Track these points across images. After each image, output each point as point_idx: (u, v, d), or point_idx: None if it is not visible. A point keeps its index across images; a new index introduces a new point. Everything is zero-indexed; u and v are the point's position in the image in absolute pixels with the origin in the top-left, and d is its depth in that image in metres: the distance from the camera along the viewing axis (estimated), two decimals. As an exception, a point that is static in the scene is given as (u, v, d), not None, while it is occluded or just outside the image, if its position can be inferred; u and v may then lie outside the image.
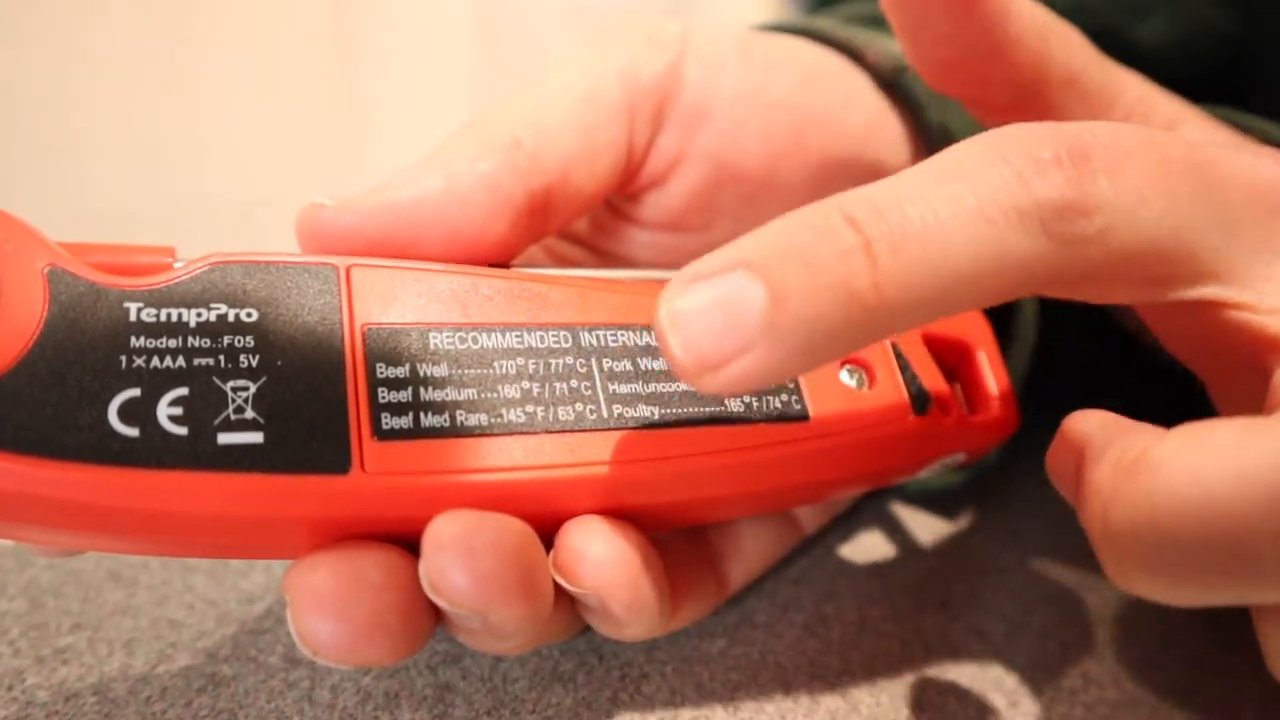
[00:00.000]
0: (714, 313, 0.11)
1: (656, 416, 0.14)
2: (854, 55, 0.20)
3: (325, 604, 0.12)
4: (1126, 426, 0.13)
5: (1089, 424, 0.13)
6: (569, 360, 0.14)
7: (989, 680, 0.18)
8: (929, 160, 0.12)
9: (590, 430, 0.14)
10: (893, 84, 0.20)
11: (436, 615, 0.13)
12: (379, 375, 0.13)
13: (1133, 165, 0.12)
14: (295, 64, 0.76)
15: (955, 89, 0.17)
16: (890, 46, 0.20)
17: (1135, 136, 0.13)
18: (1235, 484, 0.10)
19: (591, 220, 0.20)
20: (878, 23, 0.22)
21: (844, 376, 0.16)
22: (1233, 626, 0.20)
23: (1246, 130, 0.18)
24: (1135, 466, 0.11)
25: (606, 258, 0.20)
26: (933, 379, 0.17)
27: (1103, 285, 0.13)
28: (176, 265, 0.13)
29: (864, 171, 0.20)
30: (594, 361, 0.14)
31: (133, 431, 0.11)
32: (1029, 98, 0.17)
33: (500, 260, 0.16)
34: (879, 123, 0.20)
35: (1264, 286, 0.13)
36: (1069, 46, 0.16)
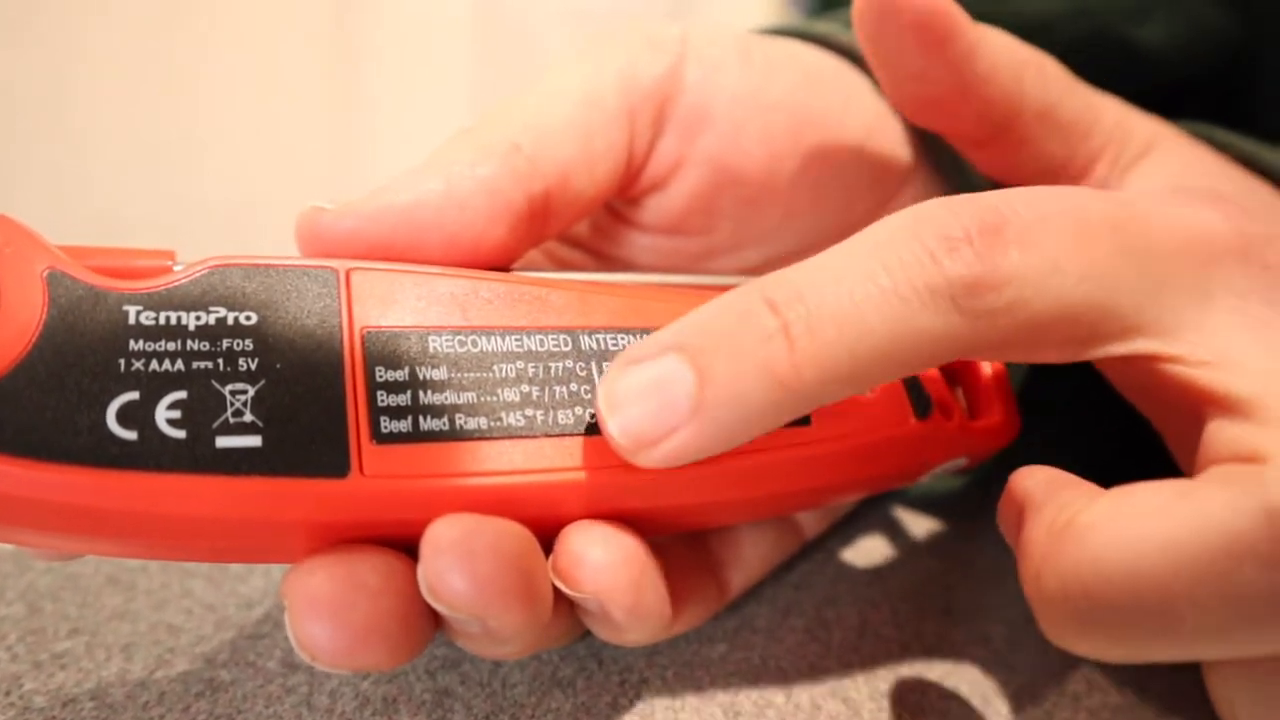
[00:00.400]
0: (648, 395, 0.12)
1: None
2: (854, 58, 0.20)
3: (323, 608, 0.12)
4: (1064, 485, 0.13)
5: (1031, 480, 0.13)
6: (569, 364, 0.14)
7: (992, 685, 0.17)
8: (849, 240, 0.13)
9: (589, 434, 0.14)
10: None
11: (435, 620, 0.13)
12: (378, 378, 0.13)
13: (1049, 234, 0.13)
14: (296, 68, 0.76)
15: (932, 124, 0.18)
16: None
17: (1055, 203, 0.13)
18: (1158, 552, 0.11)
19: (592, 224, 0.20)
20: None
21: (845, 380, 0.16)
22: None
23: (1224, 147, 0.18)
24: (1065, 532, 0.12)
25: (607, 261, 0.20)
26: (934, 383, 0.17)
27: (1022, 350, 0.13)
28: (176, 268, 0.13)
29: (864, 173, 0.20)
30: (594, 365, 0.14)
31: (131, 435, 0.11)
32: (1003, 132, 0.17)
33: (500, 264, 0.16)
34: (878, 125, 0.20)
35: (1194, 337, 0.13)
36: (1043, 79, 0.17)
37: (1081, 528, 0.11)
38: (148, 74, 0.65)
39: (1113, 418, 0.16)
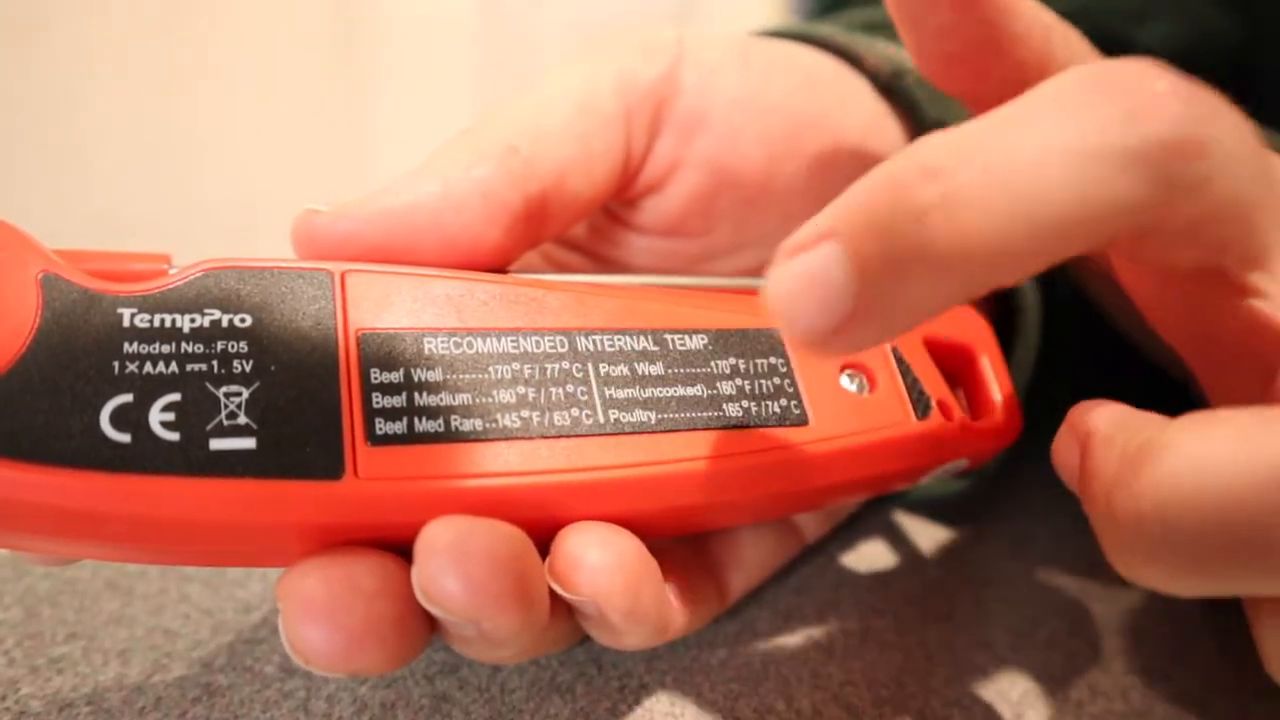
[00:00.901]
0: (808, 287, 0.11)
1: (654, 421, 0.14)
2: (852, 60, 0.20)
3: (317, 611, 0.12)
4: (1134, 415, 0.12)
5: (1095, 414, 0.13)
6: (565, 365, 0.14)
7: (994, 692, 0.17)
8: (1024, 96, 0.12)
9: (586, 435, 0.13)
10: (891, 88, 0.20)
11: (431, 624, 0.13)
12: (373, 380, 0.13)
13: (1225, 125, 0.12)
14: (299, 72, 0.76)
15: (956, 85, 0.17)
16: (889, 51, 0.20)
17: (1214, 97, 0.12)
18: (1243, 474, 0.10)
19: (589, 226, 0.20)
20: (877, 29, 0.22)
21: (844, 381, 0.16)
22: (1242, 637, 0.20)
23: None
24: (1141, 454, 0.11)
25: (605, 263, 0.20)
26: (934, 383, 0.17)
27: (1190, 240, 0.12)
28: (171, 271, 0.13)
29: (862, 174, 0.20)
30: (590, 366, 0.14)
31: (125, 437, 0.11)
32: None
33: (497, 266, 0.15)
34: (877, 127, 0.20)
35: None
36: (1069, 45, 0.16)
37: (1160, 449, 0.11)
38: (150, 76, 0.66)
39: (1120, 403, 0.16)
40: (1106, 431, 0.12)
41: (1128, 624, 0.20)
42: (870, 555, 0.22)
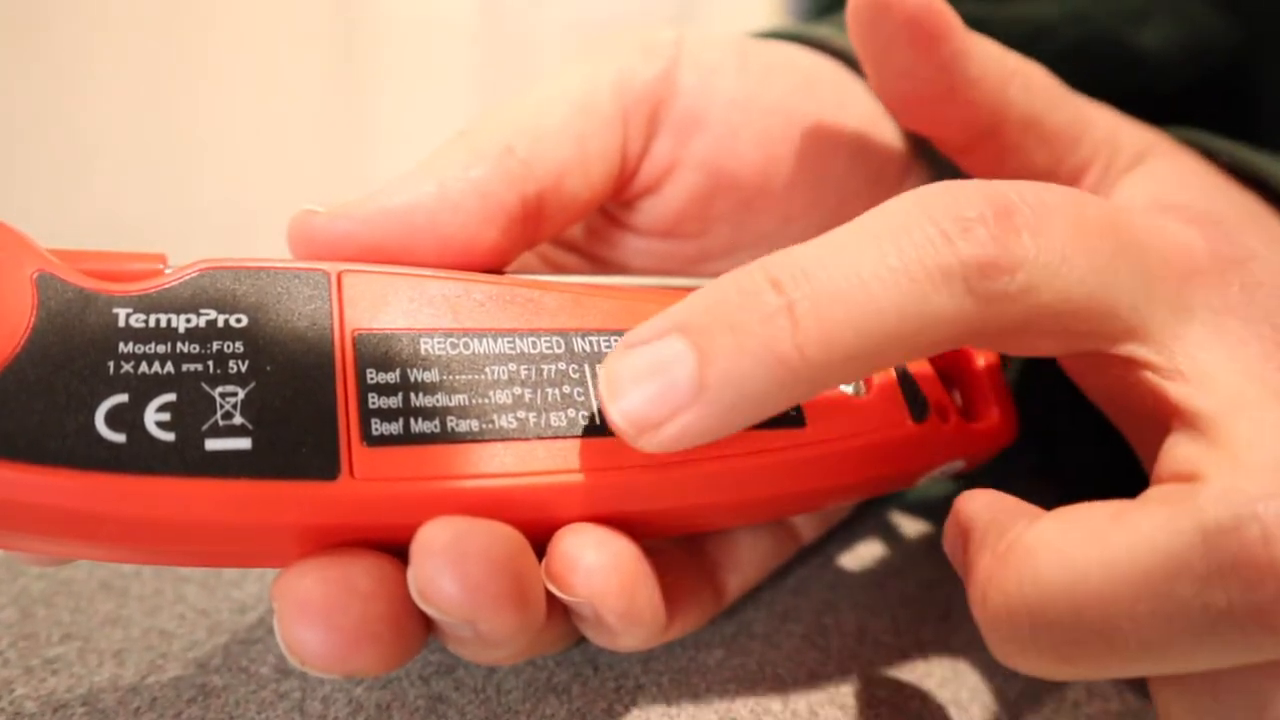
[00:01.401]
0: (649, 377, 0.12)
1: None
2: (850, 62, 0.20)
3: (313, 612, 0.12)
4: (1008, 509, 0.13)
5: (974, 505, 0.14)
6: (562, 366, 0.14)
7: (992, 692, 0.17)
8: (856, 220, 0.13)
9: (583, 436, 0.13)
10: None
11: (427, 625, 0.13)
12: (369, 381, 0.13)
13: (1056, 224, 0.13)
14: (300, 75, 0.76)
15: (918, 125, 0.18)
16: None
17: (1058, 196, 0.13)
18: (1098, 572, 0.11)
19: (586, 227, 0.20)
20: None
21: (841, 383, 0.16)
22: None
23: (1215, 154, 0.18)
24: (1007, 554, 0.12)
25: (602, 265, 0.20)
26: (931, 385, 0.17)
27: (1025, 340, 0.13)
28: (166, 271, 0.13)
29: (860, 177, 0.20)
30: (587, 367, 0.14)
31: (119, 437, 0.11)
32: (988, 138, 0.17)
33: (493, 267, 0.15)
34: (874, 128, 0.20)
35: (1173, 347, 0.13)
36: (1029, 89, 0.17)
37: (1024, 550, 0.12)
38: (150, 76, 0.66)
39: (1108, 420, 0.16)
40: (981, 528, 0.13)
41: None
42: (867, 556, 0.22)
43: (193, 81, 0.68)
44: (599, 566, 0.13)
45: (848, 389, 0.16)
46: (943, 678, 0.18)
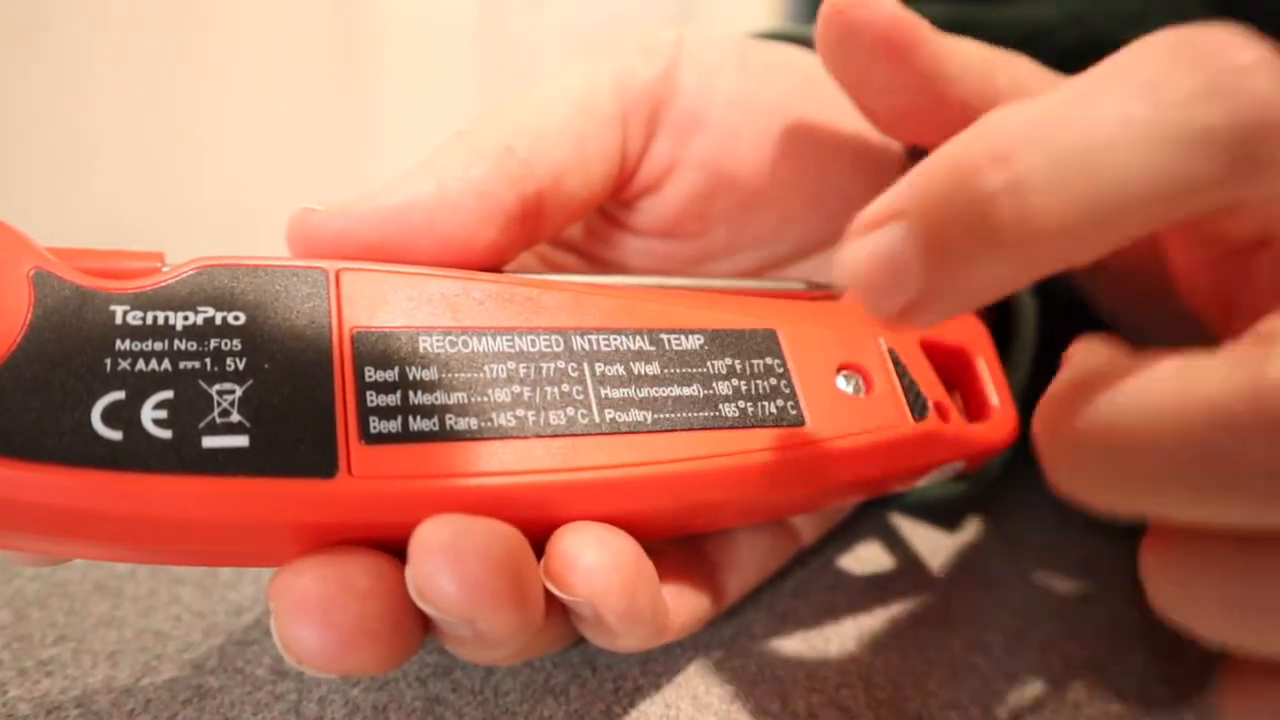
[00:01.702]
0: (878, 264, 0.11)
1: (649, 421, 0.14)
2: None
3: (310, 610, 0.12)
4: (1099, 346, 0.13)
5: (1077, 347, 0.13)
6: (560, 364, 0.14)
7: (991, 694, 0.17)
8: (1100, 66, 0.11)
9: (582, 435, 0.13)
10: None
11: (425, 624, 0.13)
12: (367, 379, 0.13)
13: None
14: (299, 77, 0.76)
15: (909, 136, 0.18)
16: None
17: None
18: (1157, 409, 0.10)
19: (586, 227, 0.20)
20: None
21: (841, 383, 0.16)
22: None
23: None
24: (1083, 381, 0.11)
25: (601, 265, 0.20)
26: (931, 386, 0.17)
27: (1252, 214, 0.12)
28: (164, 269, 0.13)
29: (860, 176, 0.20)
30: (586, 366, 0.14)
31: (116, 435, 0.11)
32: None
33: (492, 266, 0.15)
34: (874, 129, 0.20)
35: None
36: (1015, 78, 0.16)
37: (1097, 380, 0.11)
38: (149, 77, 0.66)
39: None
40: (1071, 357, 0.12)
41: (1124, 626, 0.20)
42: (867, 558, 0.22)
43: (192, 81, 0.68)
44: (599, 566, 0.13)
45: (847, 388, 0.16)
46: (943, 680, 0.18)
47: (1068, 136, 0.11)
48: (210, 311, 0.12)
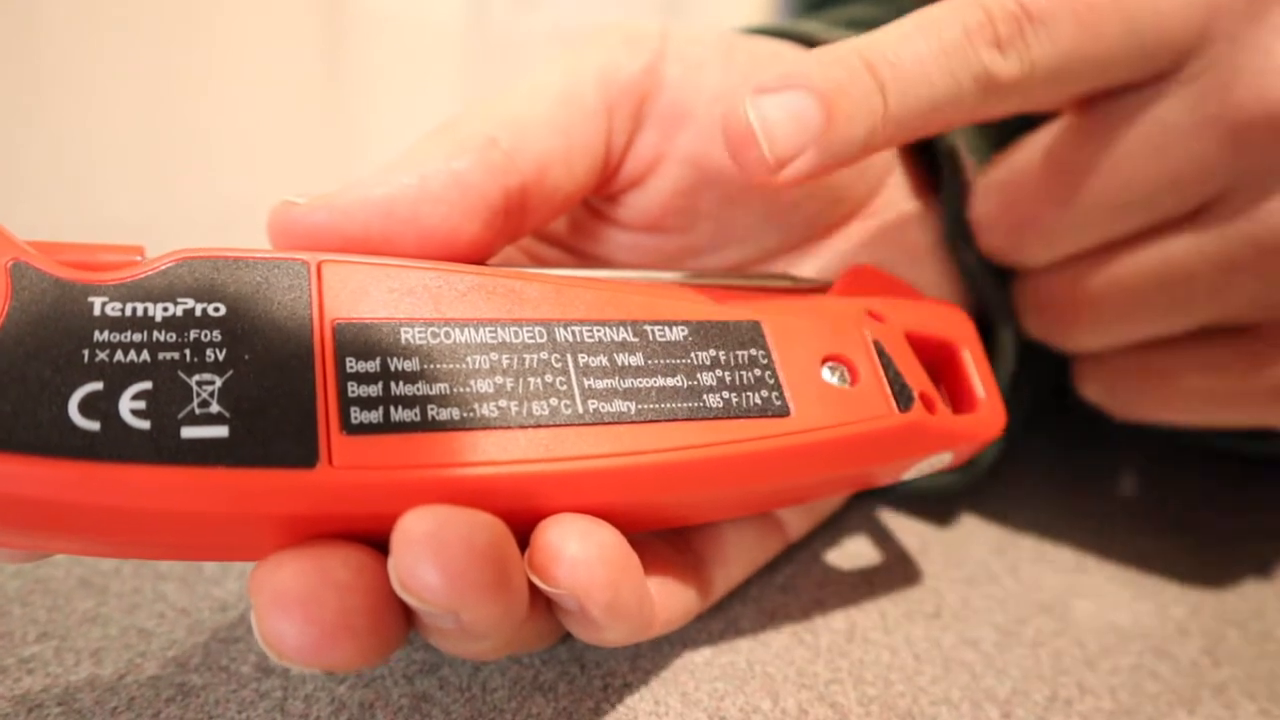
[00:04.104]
0: (787, 120, 0.15)
1: (633, 412, 0.14)
2: None
3: (290, 604, 0.11)
4: None
5: None
6: (544, 355, 0.14)
7: (981, 690, 0.17)
8: (919, 12, 0.16)
9: (565, 425, 0.13)
10: None
11: (408, 618, 0.13)
12: (348, 370, 0.12)
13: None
14: (287, 80, 0.76)
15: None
16: None
17: None
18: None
19: (570, 221, 0.20)
20: (860, 27, 0.22)
21: (826, 374, 0.16)
22: (1227, 639, 0.20)
23: None
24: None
25: (585, 259, 0.20)
26: (916, 377, 0.17)
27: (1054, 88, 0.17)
28: (144, 262, 0.12)
29: (846, 171, 0.20)
30: (569, 357, 0.14)
31: (93, 425, 0.11)
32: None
33: (475, 259, 0.15)
34: None
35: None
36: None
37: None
38: (143, 78, 0.66)
39: (1099, 413, 0.16)
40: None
41: (1114, 622, 0.20)
42: (856, 553, 0.21)
43: (179, 78, 0.68)
44: (583, 558, 0.13)
45: (832, 379, 0.16)
46: (933, 675, 0.17)
47: (903, 57, 0.16)
48: (190, 303, 0.12)
